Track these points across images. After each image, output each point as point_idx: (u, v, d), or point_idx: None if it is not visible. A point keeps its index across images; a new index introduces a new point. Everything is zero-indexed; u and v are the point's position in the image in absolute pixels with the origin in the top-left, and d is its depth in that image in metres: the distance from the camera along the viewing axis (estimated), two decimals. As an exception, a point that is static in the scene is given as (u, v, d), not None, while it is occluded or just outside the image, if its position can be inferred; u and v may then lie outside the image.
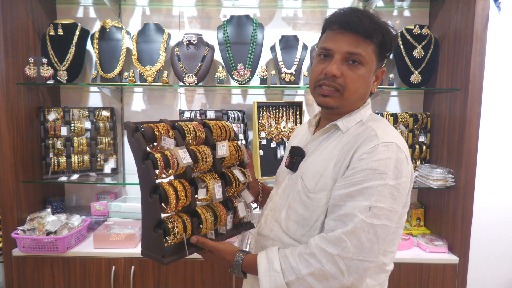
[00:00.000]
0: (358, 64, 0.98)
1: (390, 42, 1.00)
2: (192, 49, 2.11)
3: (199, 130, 1.12)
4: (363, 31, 0.95)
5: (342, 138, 1.02)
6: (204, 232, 1.08)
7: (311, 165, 1.04)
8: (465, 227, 1.95)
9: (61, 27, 2.10)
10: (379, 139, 0.93)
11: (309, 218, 0.99)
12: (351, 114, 1.05)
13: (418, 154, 2.26)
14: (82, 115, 2.20)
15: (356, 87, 0.99)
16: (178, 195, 1.01)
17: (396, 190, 0.91)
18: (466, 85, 1.89)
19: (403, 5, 2.31)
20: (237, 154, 1.20)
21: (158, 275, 1.95)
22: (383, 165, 0.90)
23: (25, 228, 1.93)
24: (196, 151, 1.08)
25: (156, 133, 1.02)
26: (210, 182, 1.09)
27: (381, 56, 1.01)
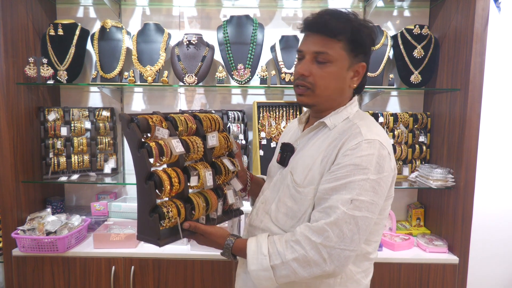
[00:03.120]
0: (327, 62, 1.03)
1: (362, 37, 1.03)
2: (192, 49, 2.11)
3: (190, 121, 1.18)
4: (328, 31, 1.01)
5: (329, 134, 1.06)
6: (196, 217, 1.14)
7: (300, 161, 1.09)
8: (465, 227, 1.95)
9: (61, 27, 2.10)
10: (363, 136, 0.98)
11: (297, 210, 1.05)
12: (338, 111, 1.08)
13: (418, 154, 2.26)
14: (82, 115, 2.20)
15: (326, 84, 1.04)
16: (172, 181, 1.06)
17: (377, 184, 0.96)
18: (466, 85, 1.89)
19: (403, 5, 2.31)
20: (226, 144, 1.26)
21: (158, 275, 1.95)
22: (365, 161, 0.95)
23: (25, 228, 1.93)
24: (188, 141, 1.15)
25: (150, 123, 1.08)
26: (202, 170, 1.16)
27: (354, 51, 1.04)
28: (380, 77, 2.17)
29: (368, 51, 1.08)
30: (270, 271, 0.97)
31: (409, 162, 2.27)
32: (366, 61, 1.08)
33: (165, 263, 1.95)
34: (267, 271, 0.98)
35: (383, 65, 2.15)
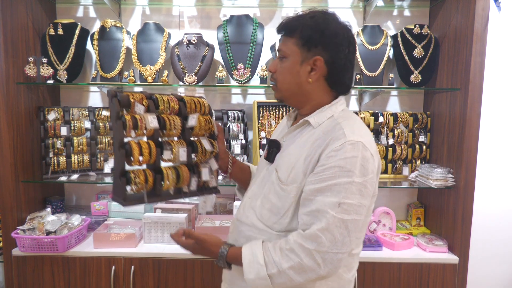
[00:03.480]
0: (283, 58, 1.11)
1: (311, 32, 1.06)
2: (192, 48, 2.11)
3: (173, 102, 1.27)
4: (286, 30, 1.11)
5: (313, 133, 1.08)
6: (166, 188, 1.23)
7: (285, 158, 1.11)
8: (465, 227, 1.95)
9: (61, 26, 2.10)
10: (346, 137, 0.99)
11: (281, 207, 1.07)
12: (322, 110, 1.11)
13: (418, 154, 2.26)
14: (82, 114, 2.20)
15: (283, 78, 1.11)
16: (142, 152, 1.16)
17: (363, 187, 0.98)
18: (466, 85, 1.89)
19: (403, 5, 2.31)
20: (208, 126, 1.34)
21: (158, 274, 1.95)
22: (349, 163, 0.96)
23: (25, 227, 1.93)
24: (166, 119, 1.24)
25: (130, 100, 1.18)
26: (176, 146, 1.25)
27: (306, 46, 1.07)
28: (380, 77, 2.17)
29: (326, 45, 1.07)
30: (267, 280, 1.00)
31: (409, 161, 2.27)
32: (326, 55, 1.07)
33: (165, 263, 1.95)
34: (264, 279, 1.00)
35: (383, 65, 2.15)
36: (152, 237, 2.05)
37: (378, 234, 2.16)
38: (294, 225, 1.05)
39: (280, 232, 1.07)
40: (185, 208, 2.13)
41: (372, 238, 2.13)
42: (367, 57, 2.17)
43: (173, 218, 2.03)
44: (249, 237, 1.12)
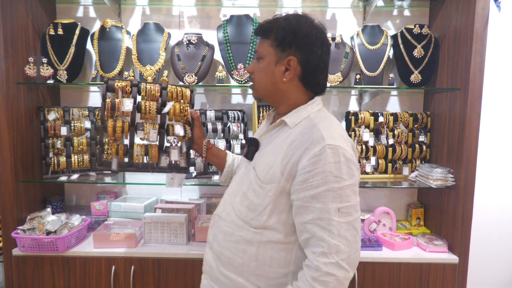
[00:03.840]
0: (259, 59, 1.16)
1: (285, 33, 1.10)
2: (192, 48, 2.11)
3: (154, 90, 1.53)
4: (262, 32, 1.15)
5: (290, 133, 1.11)
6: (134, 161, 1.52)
7: (263, 158, 1.14)
8: (465, 227, 1.95)
9: (61, 26, 2.10)
10: (325, 141, 1.01)
11: (259, 205, 1.10)
12: (298, 110, 1.14)
13: (418, 153, 2.26)
14: (82, 114, 2.20)
15: (259, 78, 1.17)
16: (116, 129, 1.47)
17: (354, 186, 1.03)
18: (466, 85, 1.89)
19: (403, 5, 2.31)
20: (183, 113, 1.54)
21: (158, 274, 1.95)
22: (336, 169, 1.00)
23: (25, 227, 1.93)
24: (143, 104, 1.50)
25: (115, 86, 1.47)
26: (147, 127, 1.52)
27: (280, 46, 1.11)
28: (380, 77, 2.17)
29: (299, 46, 1.10)
30: None
31: (409, 161, 2.27)
32: (299, 55, 1.11)
33: (165, 263, 1.95)
34: None
35: (383, 65, 2.15)
36: (152, 237, 2.05)
37: (378, 234, 2.16)
38: (270, 223, 1.08)
39: (257, 228, 1.10)
40: (185, 208, 2.13)
41: (372, 238, 2.13)
42: (367, 57, 2.17)
43: (173, 218, 2.03)
44: (227, 232, 1.16)
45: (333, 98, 2.38)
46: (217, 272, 1.17)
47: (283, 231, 1.08)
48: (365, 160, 2.23)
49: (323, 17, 2.33)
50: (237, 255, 1.12)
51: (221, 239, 1.17)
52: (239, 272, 1.12)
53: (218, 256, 1.17)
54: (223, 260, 1.16)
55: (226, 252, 1.15)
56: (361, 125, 2.22)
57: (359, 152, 2.20)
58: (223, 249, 1.16)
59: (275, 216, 1.08)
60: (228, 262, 1.14)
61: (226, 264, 1.15)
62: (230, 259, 1.14)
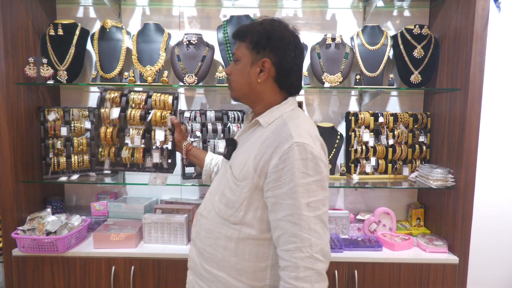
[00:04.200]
0: (237, 61, 1.23)
1: (259, 36, 1.17)
2: (192, 49, 2.11)
3: (140, 99, 1.83)
4: (239, 36, 1.22)
5: (263, 132, 1.16)
6: (125, 162, 1.84)
7: (238, 156, 1.20)
8: (465, 227, 1.95)
9: (61, 27, 2.10)
10: (293, 139, 1.06)
11: (235, 201, 1.14)
12: (271, 110, 1.20)
13: (418, 154, 2.26)
14: (82, 115, 2.20)
15: (236, 79, 1.23)
16: (106, 133, 1.80)
17: (322, 182, 1.07)
18: (466, 85, 1.89)
19: (403, 5, 2.31)
20: (164, 120, 1.79)
21: (158, 275, 1.95)
22: (303, 165, 1.04)
23: (25, 228, 1.93)
24: (128, 113, 1.81)
25: (106, 97, 1.81)
26: (132, 133, 1.81)
27: (255, 49, 1.17)
28: (380, 77, 2.17)
29: (273, 48, 1.16)
30: None
31: (409, 162, 2.27)
32: (273, 57, 1.17)
33: (165, 263, 1.95)
34: None
35: (383, 65, 2.15)
36: (152, 237, 2.05)
37: (378, 234, 2.16)
38: (247, 219, 1.13)
39: (235, 224, 1.14)
40: (185, 208, 2.13)
41: (372, 239, 2.13)
42: (367, 58, 2.17)
43: (173, 219, 2.03)
44: (208, 229, 1.21)
45: (333, 99, 2.38)
46: (200, 268, 1.22)
47: (259, 228, 1.13)
48: (365, 161, 2.23)
49: (323, 17, 2.34)
50: (218, 251, 1.17)
51: (203, 236, 1.22)
52: (220, 267, 1.17)
53: (201, 252, 1.22)
54: (206, 256, 1.20)
55: (208, 248, 1.20)
56: (361, 126, 2.22)
57: (359, 153, 2.20)
58: (205, 245, 1.21)
59: (251, 213, 1.13)
60: (210, 258, 1.19)
61: (208, 260, 1.19)
62: (212, 255, 1.18)
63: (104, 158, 1.83)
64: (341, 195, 2.43)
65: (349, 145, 2.26)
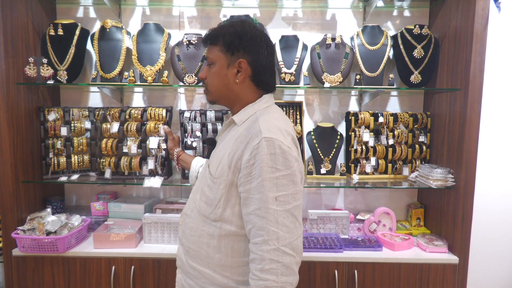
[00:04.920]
0: (211, 65, 1.23)
1: (231, 38, 1.18)
2: (192, 49, 2.11)
3: (136, 113, 2.11)
4: (210, 39, 1.23)
5: (238, 130, 1.19)
6: (123, 170, 2.09)
7: (215, 155, 1.24)
8: (465, 227, 1.95)
9: (61, 27, 2.10)
10: (262, 134, 1.08)
11: (213, 199, 1.17)
12: (246, 109, 1.22)
13: (418, 154, 2.26)
14: (82, 115, 2.20)
15: (212, 82, 1.24)
16: (107, 145, 2.07)
17: (293, 176, 1.08)
18: (466, 85, 1.89)
19: (403, 5, 2.31)
20: (156, 130, 2.06)
21: (158, 275, 1.95)
22: (272, 160, 1.05)
23: (25, 228, 1.93)
24: (125, 126, 2.10)
25: (107, 115, 2.13)
26: (129, 143, 2.08)
27: (229, 51, 1.19)
28: (380, 77, 2.17)
29: (247, 48, 1.19)
30: None
31: (409, 162, 2.27)
32: (248, 57, 1.19)
33: (165, 263, 1.95)
34: None
35: (383, 65, 2.15)
36: (152, 237, 2.05)
37: (378, 234, 2.16)
38: (226, 215, 1.15)
39: (216, 221, 1.17)
40: (185, 208, 2.13)
41: (372, 239, 2.13)
42: (367, 58, 2.17)
43: (173, 219, 2.03)
44: (192, 228, 1.23)
45: (333, 99, 2.38)
46: (187, 266, 1.25)
47: (238, 223, 1.15)
48: (365, 161, 2.23)
49: (323, 17, 2.34)
50: (202, 248, 1.20)
51: (188, 235, 1.25)
52: (205, 264, 1.19)
53: (187, 250, 1.25)
54: (191, 253, 1.23)
55: (193, 246, 1.22)
56: (361, 126, 2.22)
57: (359, 153, 2.20)
58: (190, 243, 1.23)
59: (229, 209, 1.15)
60: (196, 255, 1.22)
61: (194, 257, 1.22)
62: (197, 252, 1.21)
63: (105, 168, 2.08)
64: (341, 195, 2.43)
65: (349, 145, 2.26)
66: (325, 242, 2.03)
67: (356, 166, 2.25)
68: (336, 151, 2.24)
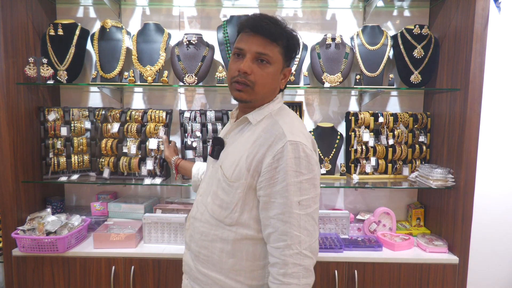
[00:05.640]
0: (266, 63, 1.12)
1: (294, 45, 1.17)
2: (192, 49, 2.11)
3: (137, 115, 2.13)
4: (270, 34, 1.10)
5: (254, 131, 1.15)
6: (122, 171, 2.12)
7: (229, 156, 1.18)
8: (465, 227, 1.95)
9: (61, 27, 2.10)
10: (286, 137, 1.06)
11: (230, 202, 1.14)
12: (261, 108, 1.18)
13: (418, 154, 2.25)
14: (82, 115, 2.20)
15: (265, 83, 1.14)
16: (107, 146, 2.10)
17: (314, 180, 1.08)
18: (466, 85, 1.89)
19: (403, 5, 2.31)
20: (156, 131, 2.10)
21: (158, 275, 1.95)
22: (296, 164, 1.05)
23: (25, 228, 1.93)
24: (125, 127, 2.12)
25: (107, 114, 2.14)
26: (129, 143, 2.11)
27: (287, 57, 1.17)
28: (380, 77, 2.17)
29: (294, 58, 1.22)
30: None
31: (409, 162, 2.27)
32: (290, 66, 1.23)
33: (165, 263, 1.95)
34: None
35: (383, 65, 2.15)
36: (152, 237, 2.05)
37: (378, 234, 2.16)
38: (243, 219, 1.13)
39: (231, 226, 1.14)
40: (185, 208, 2.13)
41: (372, 239, 2.13)
42: (367, 58, 2.17)
43: (173, 219, 2.03)
44: (203, 232, 1.20)
45: (333, 99, 2.38)
46: (195, 272, 1.22)
47: (255, 227, 1.13)
48: (365, 161, 2.23)
49: (323, 17, 2.34)
50: (214, 253, 1.17)
51: (198, 239, 1.21)
52: (218, 269, 1.16)
53: (196, 255, 1.22)
54: (202, 259, 1.20)
55: (203, 251, 1.19)
56: (361, 126, 2.22)
57: (359, 153, 2.20)
58: (200, 248, 1.20)
59: (246, 213, 1.12)
60: (207, 261, 1.19)
61: (204, 263, 1.19)
62: (208, 257, 1.18)
63: (104, 167, 2.09)
64: (341, 195, 2.43)
65: (349, 145, 2.26)
66: (325, 242, 2.03)
67: (356, 166, 2.25)
68: (336, 151, 2.24)
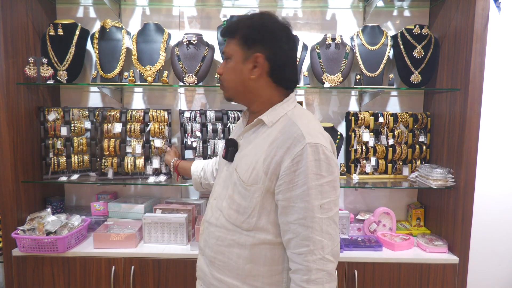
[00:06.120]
0: (227, 59, 1.16)
1: (250, 31, 1.11)
2: (192, 49, 2.11)
3: (138, 115, 2.13)
4: (229, 33, 1.15)
5: (270, 133, 1.11)
6: (127, 171, 2.11)
7: (244, 159, 1.14)
8: (465, 227, 1.95)
9: (61, 27, 2.10)
10: (306, 140, 1.02)
11: (247, 207, 1.10)
12: (275, 108, 1.14)
13: (418, 154, 2.25)
14: (82, 115, 2.20)
15: (229, 78, 1.16)
16: (109, 145, 2.10)
17: (334, 182, 1.05)
18: (466, 85, 1.89)
19: (403, 5, 2.31)
20: (160, 131, 2.13)
21: (158, 275, 1.95)
22: (316, 166, 1.01)
23: (25, 228, 1.93)
24: (128, 126, 2.12)
25: (107, 114, 2.12)
26: (133, 143, 2.11)
27: (247, 44, 1.11)
28: (380, 77, 2.17)
29: (265, 42, 1.11)
30: None
31: (409, 162, 2.27)
32: (266, 51, 1.11)
33: (165, 263, 1.95)
34: None
35: (383, 65, 2.15)
36: (152, 237, 2.05)
37: (378, 234, 2.16)
38: (261, 224, 1.09)
39: (249, 230, 1.10)
40: (185, 208, 2.13)
41: (372, 239, 2.13)
42: (367, 58, 2.17)
43: (173, 219, 2.03)
44: (219, 237, 1.16)
45: (333, 99, 2.38)
46: (210, 278, 1.18)
47: (273, 231, 1.09)
48: (365, 161, 2.23)
49: (323, 17, 2.34)
50: (231, 259, 1.13)
51: (213, 244, 1.17)
52: (234, 275, 1.12)
53: (211, 261, 1.17)
54: (217, 264, 1.16)
55: (219, 256, 1.15)
56: (361, 126, 2.22)
57: (359, 153, 2.20)
58: (216, 254, 1.16)
59: (264, 217, 1.09)
60: (223, 266, 1.14)
61: (220, 268, 1.15)
62: (224, 263, 1.14)
63: (107, 168, 2.08)
64: (341, 195, 2.43)
65: (349, 145, 2.25)
66: (325, 242, 2.03)
67: (356, 166, 2.25)
68: (336, 151, 2.24)
